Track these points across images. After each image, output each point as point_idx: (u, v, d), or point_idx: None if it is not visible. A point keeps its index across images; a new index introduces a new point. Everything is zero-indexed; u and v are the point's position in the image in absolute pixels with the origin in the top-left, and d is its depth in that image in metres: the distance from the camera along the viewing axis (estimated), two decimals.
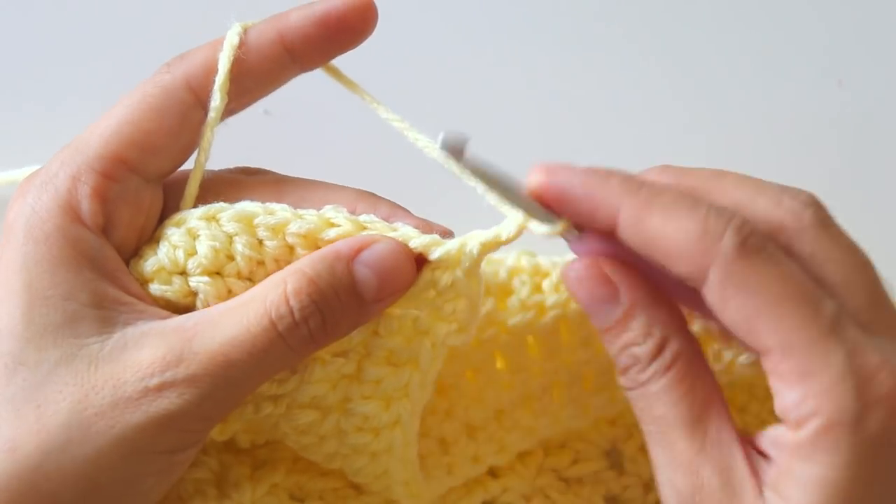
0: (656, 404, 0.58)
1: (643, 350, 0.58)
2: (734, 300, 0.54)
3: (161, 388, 0.57)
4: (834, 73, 0.99)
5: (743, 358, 0.70)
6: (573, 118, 0.98)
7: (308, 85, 0.67)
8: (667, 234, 0.55)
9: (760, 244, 0.54)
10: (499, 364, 0.71)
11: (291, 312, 0.58)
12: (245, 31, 0.63)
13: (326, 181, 0.65)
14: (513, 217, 0.60)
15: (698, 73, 0.99)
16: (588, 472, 0.78)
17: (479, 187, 0.60)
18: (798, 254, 0.56)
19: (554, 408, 0.73)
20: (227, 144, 0.65)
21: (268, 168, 0.68)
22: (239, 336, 0.57)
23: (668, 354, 0.58)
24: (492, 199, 0.60)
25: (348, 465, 0.65)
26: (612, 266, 0.59)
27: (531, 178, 0.59)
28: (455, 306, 0.61)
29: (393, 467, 0.64)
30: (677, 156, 0.99)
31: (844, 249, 0.57)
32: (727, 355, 0.70)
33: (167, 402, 0.57)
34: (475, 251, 0.61)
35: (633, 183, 0.57)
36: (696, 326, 0.69)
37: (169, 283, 0.61)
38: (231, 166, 0.68)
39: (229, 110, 0.64)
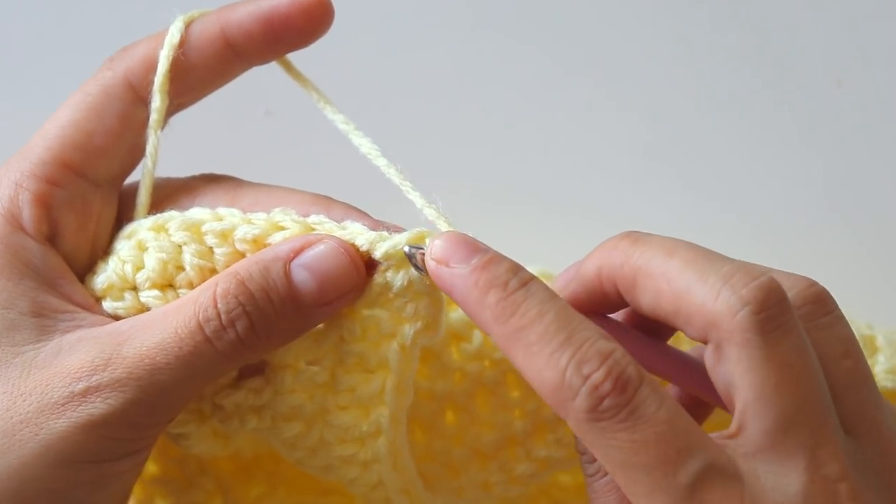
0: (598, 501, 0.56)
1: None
2: (594, 453, 0.52)
3: (86, 392, 0.55)
4: (834, 73, 0.99)
5: None
6: (572, 116, 0.99)
7: None
8: (529, 375, 0.53)
9: (614, 407, 0.50)
10: (513, 387, 0.69)
11: (218, 315, 0.56)
12: (188, 25, 0.61)
13: (283, 185, 0.62)
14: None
15: (698, 73, 0.99)
16: None
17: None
18: (725, 356, 0.52)
19: (569, 438, 0.69)
20: (228, 145, 0.65)
21: (266, 169, 0.66)
22: (167, 339, 0.55)
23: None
24: None
25: (343, 477, 0.63)
26: None
27: (430, 250, 0.56)
28: (416, 306, 0.59)
29: (386, 476, 0.62)
30: (678, 156, 0.99)
31: (767, 361, 0.51)
32: None
33: (91, 407, 0.55)
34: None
35: (506, 307, 0.53)
36: None
37: (121, 298, 0.60)
38: (231, 166, 0.66)
39: (177, 105, 0.62)
